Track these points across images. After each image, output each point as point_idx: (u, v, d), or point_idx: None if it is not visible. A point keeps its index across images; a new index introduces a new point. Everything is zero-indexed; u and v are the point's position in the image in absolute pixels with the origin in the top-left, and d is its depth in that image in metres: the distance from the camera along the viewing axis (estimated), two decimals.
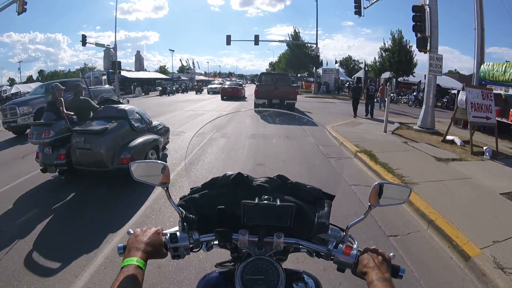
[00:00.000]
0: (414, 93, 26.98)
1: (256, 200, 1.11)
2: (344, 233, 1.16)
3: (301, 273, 1.20)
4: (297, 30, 46.36)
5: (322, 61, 44.70)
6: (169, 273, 3.12)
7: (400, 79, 32.28)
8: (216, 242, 1.16)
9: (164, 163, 1.17)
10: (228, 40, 34.38)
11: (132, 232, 1.09)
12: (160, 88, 40.27)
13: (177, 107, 19.98)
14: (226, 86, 29.34)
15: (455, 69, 78.08)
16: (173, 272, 3.14)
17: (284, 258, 1.22)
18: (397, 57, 30.43)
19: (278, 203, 1.09)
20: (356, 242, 1.15)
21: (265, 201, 1.11)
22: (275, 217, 1.08)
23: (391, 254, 1.06)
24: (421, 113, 12.18)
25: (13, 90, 38.39)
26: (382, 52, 32.53)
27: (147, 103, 24.46)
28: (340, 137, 9.82)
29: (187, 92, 41.26)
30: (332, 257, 1.10)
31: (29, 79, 75.80)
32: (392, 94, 27.01)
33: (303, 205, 1.18)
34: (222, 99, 26.15)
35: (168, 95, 35.48)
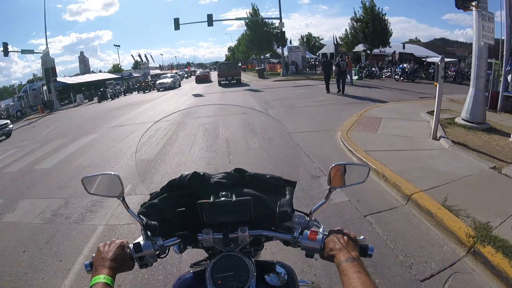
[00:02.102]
0: (401, 65, 24.81)
1: (212, 199, 1.17)
2: (308, 218, 1.24)
3: (274, 263, 1.24)
4: (255, 8, 44.70)
5: (290, 39, 43.20)
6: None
7: (376, 50, 31.93)
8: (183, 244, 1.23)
9: (116, 173, 1.25)
10: (177, 24, 32.79)
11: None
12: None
13: (103, 121, 17.20)
14: (199, 73, 44.11)
15: (416, 38, 79.32)
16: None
17: (259, 248, 1.32)
18: (371, 27, 29.99)
19: (234, 198, 1.15)
20: (322, 226, 1.21)
21: (222, 198, 1.18)
22: (234, 212, 1.15)
23: (361, 237, 1.13)
24: (468, 101, 9.07)
25: None
26: (354, 23, 31.90)
27: (74, 115, 22.43)
28: (378, 164, 6.02)
29: (130, 93, 38.79)
30: (299, 244, 1.17)
31: None
32: (366, 69, 26.42)
33: (262, 196, 1.27)
34: (196, 83, 38.19)
35: (112, 99, 33.48)
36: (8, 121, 21.32)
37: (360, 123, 9.53)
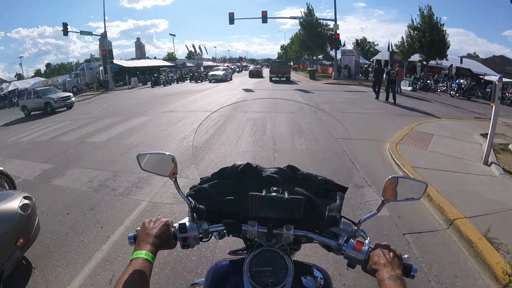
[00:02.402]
0: (457, 81, 22.95)
1: (264, 192, 1.16)
2: (355, 228, 1.20)
3: (311, 266, 1.22)
4: (310, 7, 43.36)
5: (344, 42, 42.79)
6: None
7: (432, 62, 29.85)
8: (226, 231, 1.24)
9: (172, 154, 1.28)
10: (231, 19, 32.52)
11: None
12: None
13: (154, 105, 17.75)
14: (252, 68, 47.53)
15: (474, 53, 74.91)
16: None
17: (297, 248, 1.29)
18: (428, 37, 27.80)
19: (286, 195, 1.14)
20: (368, 238, 1.19)
21: (274, 193, 1.17)
22: (284, 209, 1.14)
23: (406, 255, 1.10)
24: None
25: (11, 87, 41.16)
26: (411, 31, 29.79)
27: (128, 97, 23.54)
28: (438, 197, 5.04)
29: (183, 82, 39.78)
30: (342, 252, 1.14)
31: (37, 73, 79.06)
32: (420, 81, 24.97)
33: (313, 198, 1.24)
34: (249, 77, 40.15)
35: (163, 85, 34.46)
36: (71, 94, 23.04)
37: (410, 137, 9.01)
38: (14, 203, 3.48)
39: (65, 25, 31.66)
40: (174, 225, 1.21)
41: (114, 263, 3.62)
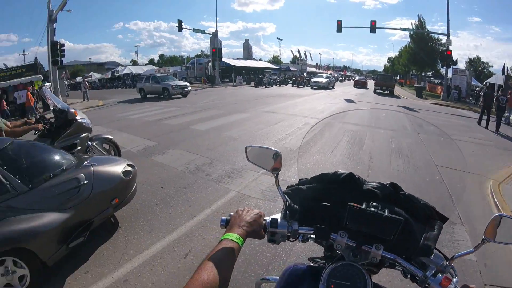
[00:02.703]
0: None
1: (364, 206, 1.14)
2: (447, 263, 1.14)
3: None
4: (422, 19, 41.08)
5: (456, 60, 39.58)
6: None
7: None
8: (313, 236, 1.21)
9: (278, 150, 1.29)
10: (339, 26, 31.76)
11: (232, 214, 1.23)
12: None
13: (256, 104, 18.30)
14: (357, 79, 51.18)
15: None
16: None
17: (375, 270, 1.23)
18: None
19: (386, 213, 1.10)
20: (457, 276, 1.14)
21: (373, 208, 1.14)
22: (379, 227, 1.11)
23: None
24: None
25: (125, 71, 47.61)
26: None
27: (232, 93, 24.67)
28: None
29: (285, 85, 40.44)
30: (426, 285, 1.09)
31: (151, 62, 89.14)
32: None
33: (412, 221, 1.18)
34: (354, 87, 41.65)
35: (265, 87, 35.27)
36: (188, 83, 25.06)
37: None
38: (119, 168, 3.97)
39: (180, 22, 34.61)
40: (266, 218, 1.22)
41: (193, 240, 3.78)
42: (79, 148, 5.28)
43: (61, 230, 3.15)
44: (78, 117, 5.48)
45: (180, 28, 35.09)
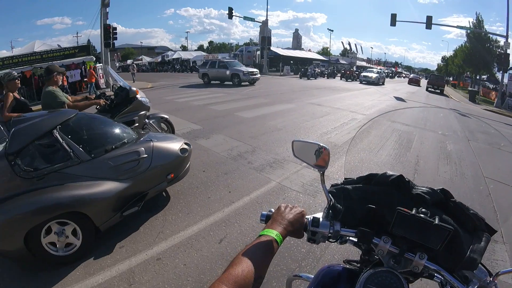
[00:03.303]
0: None
1: (414, 211, 1.09)
2: (490, 279, 1.10)
3: None
4: (480, 18, 38.71)
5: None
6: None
7: None
8: (353, 238, 1.19)
9: (326, 147, 1.27)
10: (393, 20, 30.67)
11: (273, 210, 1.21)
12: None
13: (302, 95, 18.04)
14: (412, 76, 49.28)
15: None
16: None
17: (412, 279, 1.19)
18: None
19: (437, 221, 1.06)
20: None
21: (422, 215, 1.08)
22: (426, 235, 1.06)
23: None
24: None
25: (175, 56, 49.45)
26: None
27: (279, 83, 24.31)
28: None
29: (333, 78, 39.58)
30: None
31: (200, 48, 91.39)
32: None
33: (460, 232, 1.15)
34: (408, 84, 43.22)
35: (309, 79, 34.64)
36: (257, 70, 24.79)
37: None
38: (176, 145, 4.23)
39: (230, 10, 34.80)
40: (307, 216, 1.19)
41: (229, 226, 3.79)
42: (137, 124, 5.57)
43: (117, 199, 3.36)
44: (138, 96, 5.74)
45: (230, 16, 35.20)
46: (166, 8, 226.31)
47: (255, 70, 23.89)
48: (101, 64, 21.26)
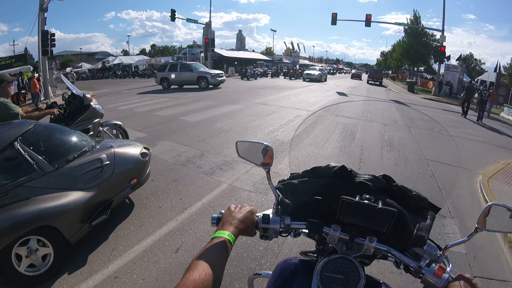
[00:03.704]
0: None
1: (357, 198, 1.14)
2: (440, 252, 1.15)
3: (381, 284, 1.21)
4: (417, 14, 41.59)
5: (448, 55, 40.20)
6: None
7: None
8: (305, 230, 1.20)
9: (270, 145, 1.28)
10: (334, 19, 31.56)
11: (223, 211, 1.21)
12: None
13: (248, 95, 18.21)
14: (354, 72, 61.50)
15: None
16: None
17: (368, 262, 1.23)
18: None
19: (380, 205, 1.10)
20: (450, 265, 1.14)
21: (366, 201, 1.13)
22: (372, 219, 1.11)
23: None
24: None
25: (116, 61, 47.02)
26: None
27: (224, 84, 23.51)
28: None
29: (277, 77, 40.37)
30: (421, 275, 1.09)
31: (142, 52, 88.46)
32: None
33: (405, 213, 1.19)
34: (351, 78, 50.81)
35: (248, 79, 34.71)
36: (223, 72, 24.23)
37: (506, 173, 7.90)
38: (136, 150, 4.28)
39: (173, 12, 34.13)
40: (257, 214, 1.21)
41: (184, 234, 3.74)
42: (92, 133, 5.45)
43: (85, 209, 3.30)
44: (92, 103, 5.64)
45: (173, 18, 34.55)
46: (106, 11, 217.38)
47: (220, 72, 23.41)
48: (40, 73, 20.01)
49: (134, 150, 4.29)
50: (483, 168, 8.04)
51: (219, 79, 22.03)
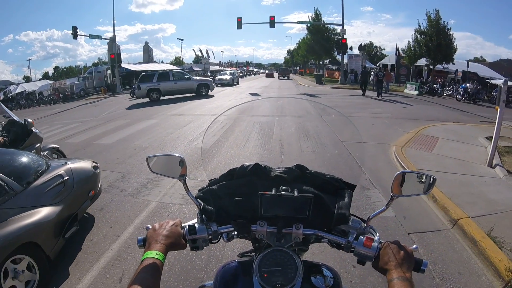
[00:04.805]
0: (463, 85, 22.71)
1: (273, 191, 1.18)
2: (365, 225, 1.22)
3: (320, 265, 1.23)
4: (318, 12, 43.62)
5: (350, 46, 42.28)
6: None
7: (439, 66, 29.75)
8: (235, 232, 1.23)
9: (181, 155, 1.29)
10: (239, 23, 32.66)
11: (150, 226, 1.20)
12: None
13: (162, 108, 17.62)
14: (268, 72, 74.24)
15: (481, 56, 75.03)
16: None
17: (305, 248, 1.29)
18: (435, 41, 27.51)
19: (296, 194, 1.16)
20: (377, 234, 1.20)
21: (283, 192, 1.19)
22: (293, 208, 1.16)
23: (414, 246, 1.12)
24: None
25: (18, 90, 41.86)
26: (417, 35, 29.48)
27: (135, 100, 22.56)
28: (442, 198, 5.05)
29: None
30: (352, 249, 1.15)
31: (45, 76, 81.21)
32: (427, 85, 25.68)
33: (322, 196, 1.25)
34: (266, 77, 63.29)
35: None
36: (211, 80, 24.80)
37: (416, 141, 9.01)
38: (88, 164, 4.65)
39: (74, 29, 32.19)
40: (183, 225, 1.22)
41: (124, 262, 3.67)
42: None
43: (56, 223, 3.51)
44: (33, 128, 5.79)
45: (75, 35, 32.55)
46: (3, 35, 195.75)
47: (208, 79, 24.00)
48: None
49: (86, 164, 4.65)
50: (395, 139, 9.00)
51: (213, 85, 23.04)
